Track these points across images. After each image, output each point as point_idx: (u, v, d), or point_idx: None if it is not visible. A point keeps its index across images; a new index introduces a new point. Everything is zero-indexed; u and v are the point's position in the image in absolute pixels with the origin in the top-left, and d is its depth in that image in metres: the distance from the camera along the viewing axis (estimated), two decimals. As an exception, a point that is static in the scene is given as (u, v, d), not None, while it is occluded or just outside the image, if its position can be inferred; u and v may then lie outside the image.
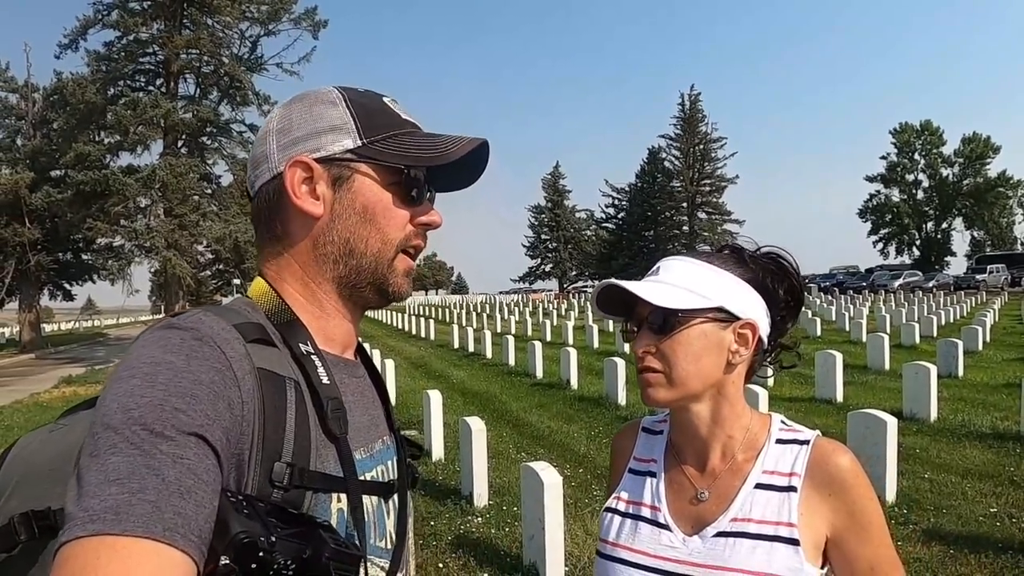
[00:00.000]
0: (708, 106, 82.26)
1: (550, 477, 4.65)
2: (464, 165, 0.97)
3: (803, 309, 1.21)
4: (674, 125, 70.01)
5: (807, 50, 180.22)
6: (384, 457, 0.97)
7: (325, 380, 0.86)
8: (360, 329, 1.04)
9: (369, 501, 0.89)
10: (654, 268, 1.19)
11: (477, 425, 6.68)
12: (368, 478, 0.91)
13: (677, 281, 1.14)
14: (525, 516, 4.94)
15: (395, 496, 0.97)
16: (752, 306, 1.15)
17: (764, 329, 1.16)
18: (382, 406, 1.05)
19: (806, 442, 1.13)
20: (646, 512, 1.19)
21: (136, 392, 0.69)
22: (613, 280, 1.15)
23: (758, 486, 1.12)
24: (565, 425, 9.89)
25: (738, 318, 1.14)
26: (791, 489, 1.09)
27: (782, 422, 1.19)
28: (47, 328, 44.91)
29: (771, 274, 1.18)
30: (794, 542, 1.06)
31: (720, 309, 1.12)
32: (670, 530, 1.15)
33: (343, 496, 0.83)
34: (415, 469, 1.07)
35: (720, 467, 1.16)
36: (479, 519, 6.07)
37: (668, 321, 1.12)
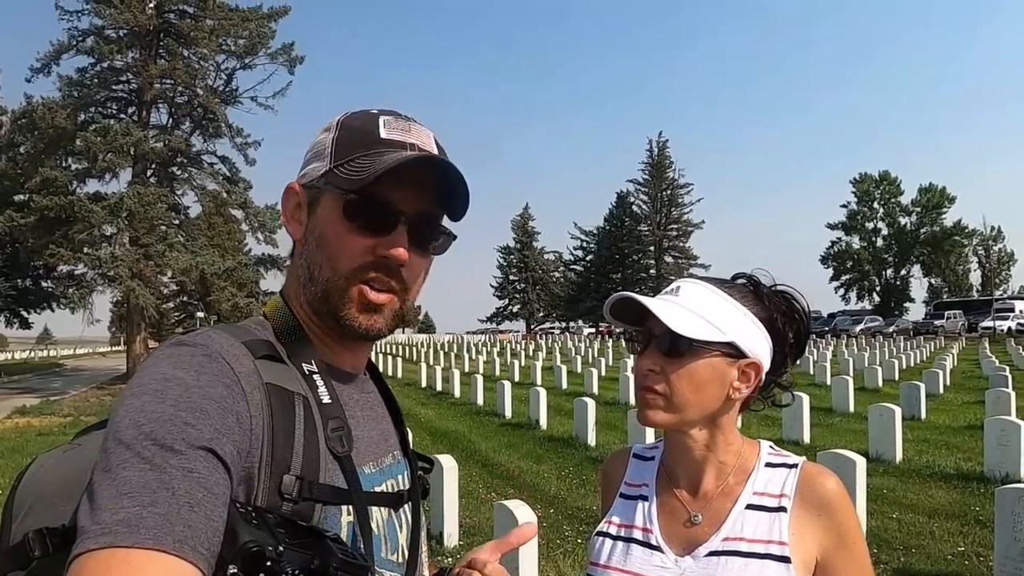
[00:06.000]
0: (675, 152, 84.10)
1: (525, 515, 4.58)
2: (440, 189, 0.92)
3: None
4: (642, 170, 71.48)
5: (769, 99, 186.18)
6: (395, 471, 0.97)
7: (326, 400, 0.86)
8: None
9: (379, 514, 0.89)
10: (673, 287, 1.20)
11: (449, 463, 6.59)
12: (378, 491, 0.91)
13: (695, 307, 1.15)
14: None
15: (407, 509, 0.97)
16: (760, 345, 1.17)
17: (767, 368, 1.19)
18: (393, 422, 1.05)
19: (794, 466, 1.17)
20: (638, 534, 1.21)
21: (147, 408, 0.70)
22: (631, 294, 1.15)
23: (749, 507, 1.15)
24: (535, 465, 9.81)
25: (745, 356, 1.16)
26: (781, 510, 1.13)
27: (770, 447, 1.23)
28: (0, 356, 43.51)
29: (783, 314, 1.21)
30: (785, 559, 1.08)
31: (731, 345, 1.14)
32: (662, 551, 1.17)
33: (352, 509, 0.83)
34: (426, 481, 1.07)
35: (713, 491, 1.19)
36: (449, 559, 5.95)
37: (679, 346, 1.13)
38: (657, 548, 1.17)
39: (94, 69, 24.65)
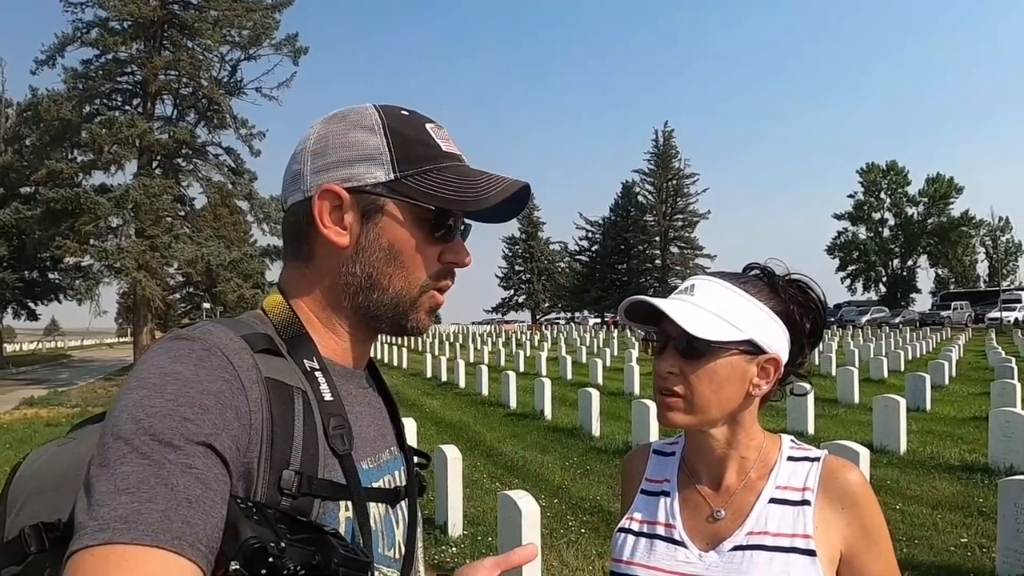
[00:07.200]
0: (681, 142, 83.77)
1: (528, 506, 4.60)
2: (502, 202, 0.95)
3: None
4: (648, 160, 71.14)
5: (774, 89, 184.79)
6: (392, 468, 0.97)
7: (328, 397, 0.85)
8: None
9: (377, 510, 0.89)
10: (688, 285, 1.18)
11: (453, 453, 6.62)
12: (375, 487, 0.91)
13: (711, 306, 1.13)
14: (501, 546, 4.89)
15: (404, 505, 0.98)
16: (778, 340, 1.16)
17: (785, 361, 1.18)
18: (391, 418, 1.05)
19: (816, 459, 1.17)
20: (661, 530, 1.21)
21: (145, 402, 0.69)
22: (646, 297, 1.14)
23: (772, 501, 1.15)
24: (539, 455, 9.84)
25: (764, 352, 1.15)
26: (805, 503, 1.12)
27: (792, 441, 1.23)
28: (8, 348, 43.78)
29: (799, 305, 1.19)
30: (811, 552, 1.08)
31: (749, 342, 1.13)
32: (686, 547, 1.17)
33: (351, 504, 0.83)
34: (423, 478, 1.07)
35: (735, 486, 1.19)
36: (453, 549, 5.99)
37: (697, 347, 1.12)
38: (681, 543, 1.17)
39: (99, 61, 24.57)
